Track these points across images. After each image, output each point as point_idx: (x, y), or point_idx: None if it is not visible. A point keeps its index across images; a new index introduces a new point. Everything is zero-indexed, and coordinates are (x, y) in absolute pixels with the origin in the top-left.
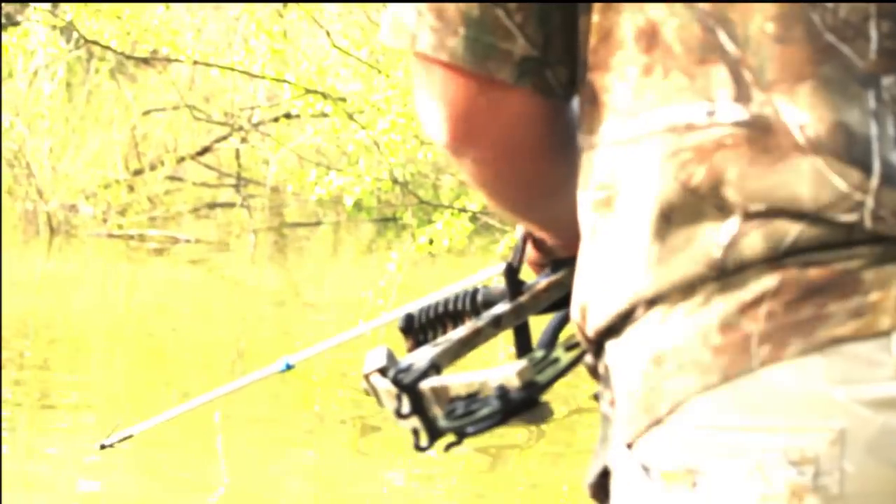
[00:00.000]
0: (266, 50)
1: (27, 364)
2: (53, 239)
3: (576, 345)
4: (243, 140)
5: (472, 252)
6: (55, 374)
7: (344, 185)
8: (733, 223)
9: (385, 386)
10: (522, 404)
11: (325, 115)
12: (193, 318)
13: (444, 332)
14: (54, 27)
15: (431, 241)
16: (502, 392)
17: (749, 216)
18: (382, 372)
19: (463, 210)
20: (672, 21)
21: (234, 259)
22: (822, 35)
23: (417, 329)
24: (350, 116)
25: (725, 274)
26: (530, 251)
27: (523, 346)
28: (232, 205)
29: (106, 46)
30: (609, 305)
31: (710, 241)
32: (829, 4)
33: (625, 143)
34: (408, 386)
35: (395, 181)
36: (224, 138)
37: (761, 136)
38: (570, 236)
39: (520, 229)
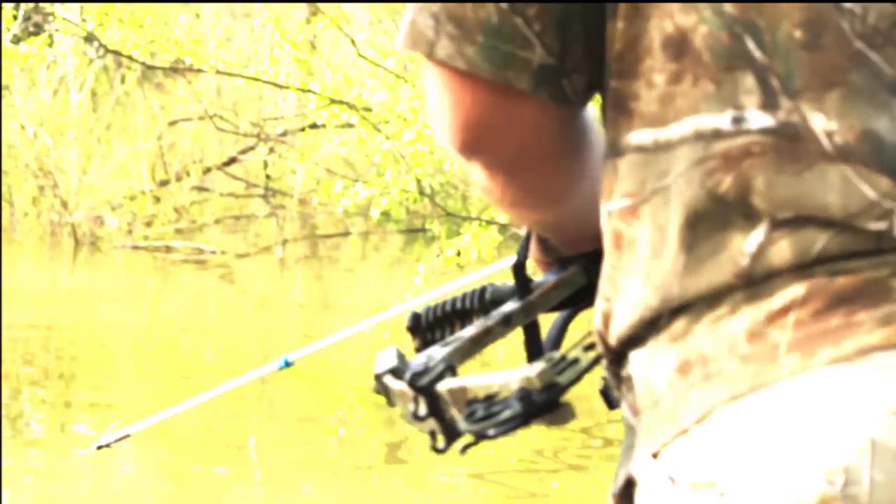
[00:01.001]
0: (290, 59)
1: (51, 378)
2: (78, 251)
3: (594, 345)
4: (271, 150)
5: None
6: (78, 391)
7: (371, 196)
8: (760, 232)
9: (399, 387)
10: (544, 406)
11: (350, 125)
12: (220, 331)
13: (452, 331)
14: (78, 36)
15: (459, 253)
16: (524, 394)
17: (777, 224)
18: (395, 373)
19: (491, 222)
20: (702, 28)
21: (261, 271)
22: (852, 42)
23: (425, 328)
24: (375, 127)
25: (753, 282)
26: (534, 249)
27: (534, 344)
28: (259, 216)
29: (128, 56)
30: (634, 314)
31: (737, 249)
32: (858, 11)
33: (653, 150)
34: (424, 388)
35: (421, 192)
36: (251, 149)
37: (789, 143)
38: (575, 236)
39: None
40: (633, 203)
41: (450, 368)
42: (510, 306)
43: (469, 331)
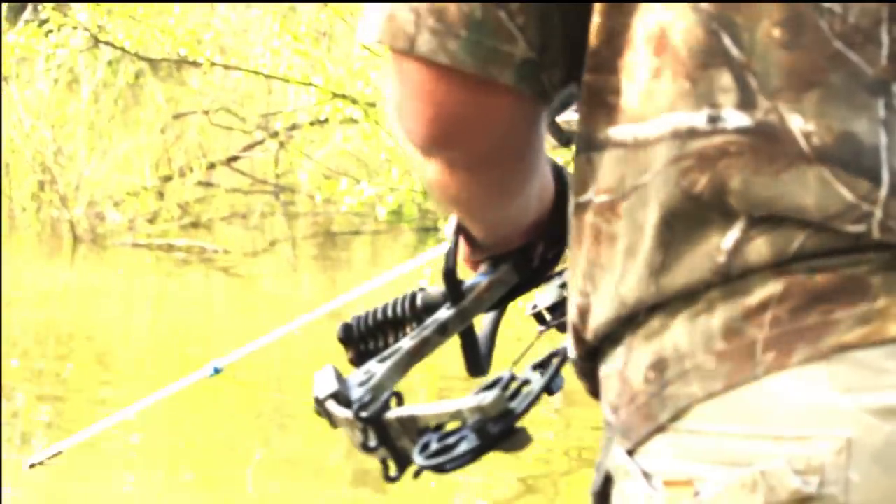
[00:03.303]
0: (291, 52)
1: (45, 380)
2: (77, 248)
3: (544, 364)
4: (281, 145)
5: None
6: (77, 393)
7: (379, 194)
8: (737, 229)
9: (345, 415)
10: (501, 436)
11: (354, 121)
12: (225, 333)
13: (386, 340)
14: (74, 28)
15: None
16: (479, 426)
17: (754, 222)
18: (336, 397)
19: None
20: (679, 24)
21: (269, 270)
22: (831, 42)
23: (357, 339)
24: (377, 122)
25: (730, 279)
26: (464, 249)
27: (471, 348)
28: (266, 213)
29: (120, 48)
30: (611, 310)
31: (714, 246)
32: (838, 10)
33: (632, 146)
34: (372, 419)
35: (424, 192)
36: (259, 143)
37: (766, 144)
38: (512, 233)
39: (450, 228)
40: (611, 199)
41: (395, 395)
42: (445, 314)
43: (406, 343)
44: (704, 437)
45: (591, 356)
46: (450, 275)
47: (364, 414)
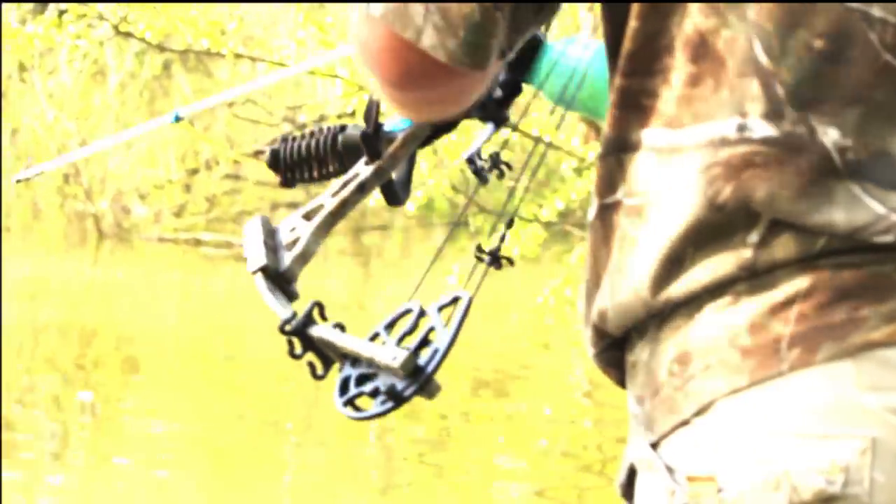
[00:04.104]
0: (317, 44)
1: (69, 377)
2: (102, 243)
3: (449, 304)
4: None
5: (546, 260)
6: (100, 391)
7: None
8: (763, 227)
9: (270, 300)
10: (413, 394)
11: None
12: (252, 329)
13: (311, 173)
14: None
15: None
16: (391, 388)
17: (779, 223)
18: (265, 271)
19: (533, 220)
20: (725, 32)
21: None
22: (881, 55)
23: (284, 167)
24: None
25: (756, 274)
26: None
27: (389, 188)
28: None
29: (140, 38)
30: (635, 310)
31: (740, 241)
32: (892, 20)
33: (665, 152)
34: (295, 333)
35: (453, 187)
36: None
37: (792, 156)
38: None
39: (372, 96)
40: (639, 203)
41: (317, 304)
42: (363, 173)
43: (328, 203)
44: (728, 432)
45: (618, 345)
46: (367, 138)
47: (288, 328)
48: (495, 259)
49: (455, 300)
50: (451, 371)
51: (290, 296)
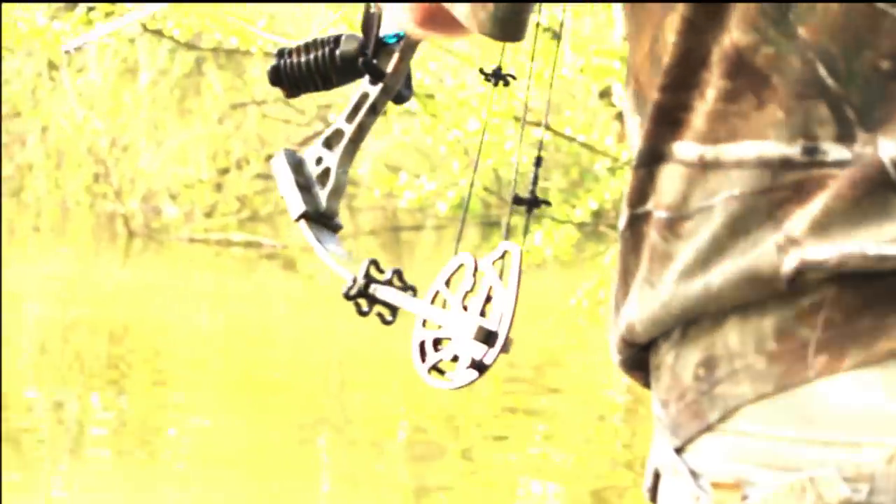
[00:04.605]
0: None
1: (98, 380)
2: (131, 243)
3: (500, 258)
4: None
5: (581, 261)
6: (133, 393)
7: (437, 190)
8: (801, 247)
9: (328, 259)
10: (494, 361)
11: (411, 112)
12: (284, 331)
13: (315, 86)
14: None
15: (528, 252)
16: (473, 360)
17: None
18: (306, 217)
19: (566, 222)
20: (766, 49)
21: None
22: None
23: (287, 83)
24: (433, 115)
25: (784, 279)
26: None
27: (399, 100)
28: None
29: (170, 37)
30: (664, 320)
31: (770, 246)
32: None
33: (700, 167)
34: (360, 295)
35: (485, 188)
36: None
37: (857, 172)
38: None
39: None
40: (672, 217)
41: (373, 262)
42: (371, 93)
43: (346, 129)
44: (753, 439)
45: (643, 347)
46: (368, 64)
47: (352, 293)
48: (534, 202)
49: (504, 254)
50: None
51: (335, 229)
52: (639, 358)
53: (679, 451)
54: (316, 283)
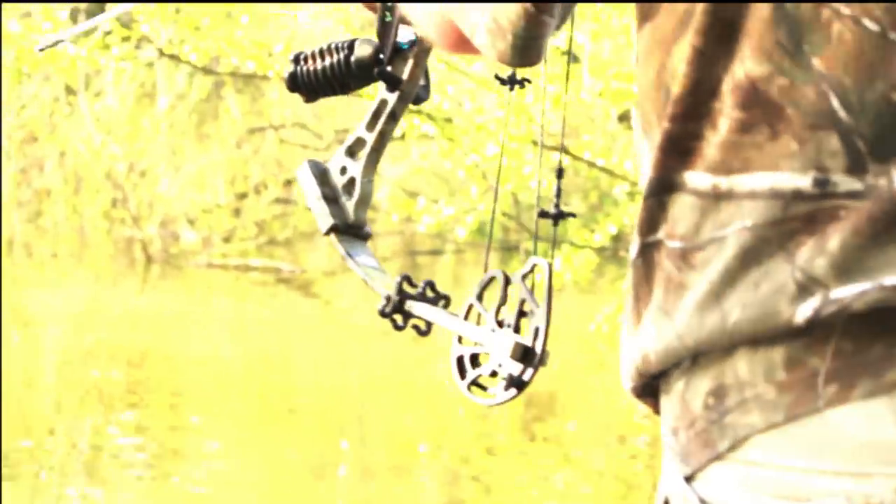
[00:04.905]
0: None
1: (117, 407)
2: (149, 268)
3: (529, 272)
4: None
5: (601, 286)
6: (152, 419)
7: (456, 215)
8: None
9: (363, 274)
10: (532, 378)
11: (429, 137)
12: (305, 358)
13: (331, 92)
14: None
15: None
16: (513, 380)
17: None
18: (336, 230)
19: (584, 246)
20: (780, 80)
21: (348, 290)
22: None
23: (305, 89)
24: (451, 139)
25: (805, 321)
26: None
27: (418, 103)
28: None
29: (186, 61)
30: (675, 354)
31: (789, 284)
32: None
33: (712, 197)
34: (395, 312)
35: (504, 213)
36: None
37: (872, 205)
38: None
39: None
40: (685, 248)
41: (405, 278)
42: (390, 100)
43: (369, 138)
44: (763, 468)
45: (655, 375)
46: (384, 73)
47: (387, 310)
48: (559, 215)
49: (533, 268)
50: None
51: (365, 238)
52: (650, 385)
53: (689, 479)
54: (334, 309)
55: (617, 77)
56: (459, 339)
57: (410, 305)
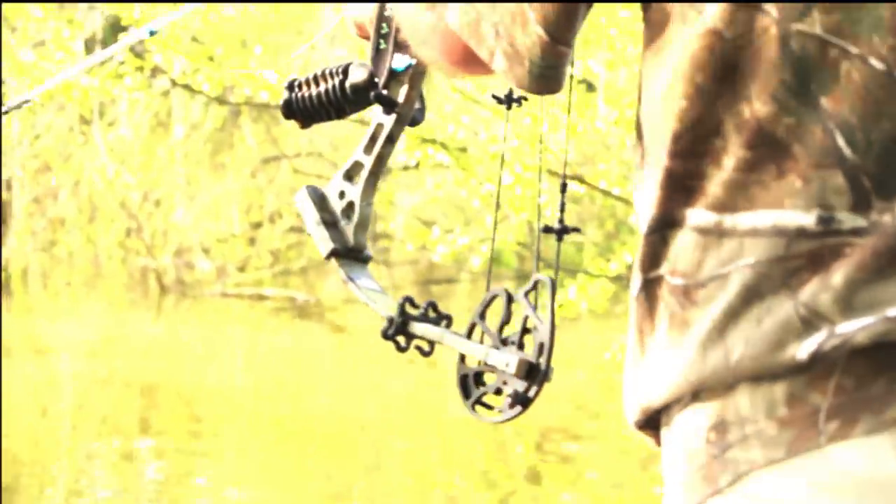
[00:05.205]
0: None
1: (130, 437)
2: (164, 298)
3: (532, 289)
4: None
5: (616, 315)
6: (165, 451)
7: (470, 243)
8: (824, 332)
9: (366, 299)
10: (537, 394)
11: (443, 166)
12: (322, 388)
13: (326, 117)
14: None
15: (561, 306)
16: (516, 394)
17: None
18: (336, 254)
19: (600, 276)
20: (787, 120)
21: (363, 319)
22: None
23: (300, 115)
24: (465, 169)
25: (810, 356)
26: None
27: (414, 124)
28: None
29: (199, 91)
30: (678, 389)
31: (793, 319)
32: None
33: (715, 235)
34: (398, 334)
35: (518, 242)
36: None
37: (876, 241)
38: None
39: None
40: (687, 284)
41: (408, 300)
42: (387, 123)
43: (366, 161)
44: None
45: (658, 411)
46: (380, 97)
47: (390, 332)
48: (563, 230)
49: (536, 284)
50: (517, 425)
51: (365, 261)
52: (652, 418)
53: None
54: (349, 337)
55: (632, 106)
56: (463, 359)
57: (413, 326)
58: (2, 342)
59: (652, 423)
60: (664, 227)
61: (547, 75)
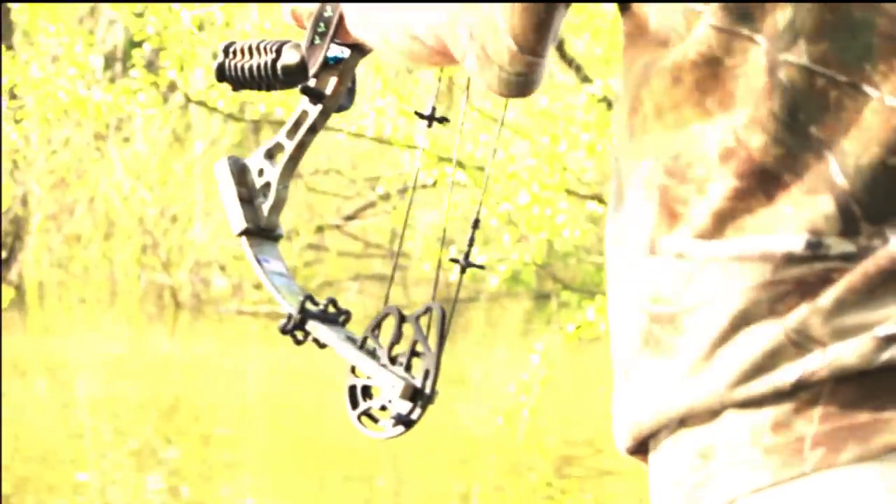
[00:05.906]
0: (396, 113)
1: (145, 457)
2: (179, 315)
3: (424, 313)
4: (393, 208)
5: None
6: (181, 469)
7: (488, 262)
8: (817, 355)
9: (272, 290)
10: (419, 417)
11: (461, 185)
12: (334, 404)
13: (257, 88)
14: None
15: (579, 327)
16: (399, 415)
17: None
18: (247, 233)
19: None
20: (776, 150)
21: (383, 338)
22: None
23: (232, 81)
24: (483, 188)
25: (800, 381)
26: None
27: (340, 110)
28: (380, 277)
29: (213, 108)
30: (669, 415)
31: (785, 345)
32: None
33: (699, 261)
34: (294, 329)
35: (535, 263)
36: (371, 205)
37: (866, 264)
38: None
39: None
40: (672, 312)
41: (308, 297)
42: (312, 112)
43: (287, 145)
44: None
45: (646, 436)
46: (307, 89)
47: (289, 326)
48: (467, 265)
49: (427, 311)
50: (537, 445)
51: (276, 240)
52: (643, 443)
53: None
54: None
55: None
56: (353, 370)
57: (312, 327)
58: (1, 359)
59: (643, 448)
60: (649, 251)
61: (516, 82)
